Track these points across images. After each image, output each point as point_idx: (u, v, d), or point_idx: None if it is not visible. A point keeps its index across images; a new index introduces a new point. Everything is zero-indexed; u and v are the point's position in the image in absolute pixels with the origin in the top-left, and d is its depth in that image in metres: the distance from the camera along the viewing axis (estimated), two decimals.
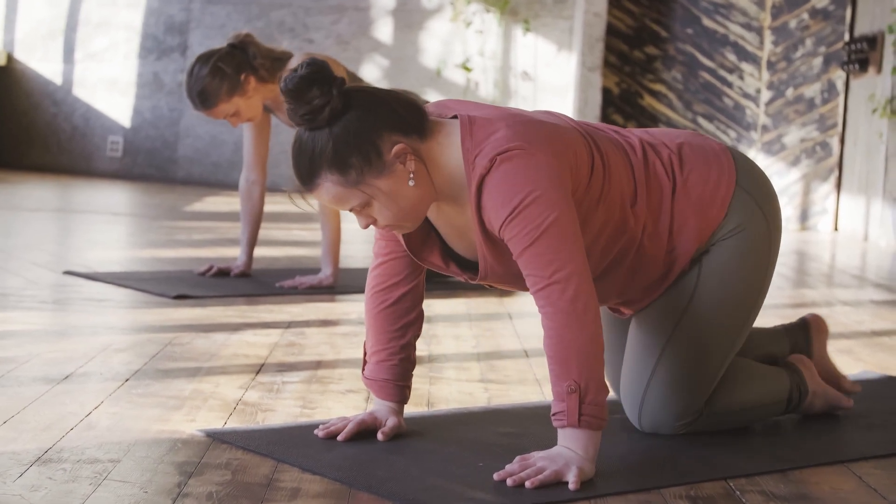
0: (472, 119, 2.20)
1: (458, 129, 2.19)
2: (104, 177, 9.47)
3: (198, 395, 2.65)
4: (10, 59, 9.54)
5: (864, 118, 8.12)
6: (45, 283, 4.13)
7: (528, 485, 2.05)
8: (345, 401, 2.68)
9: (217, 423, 2.41)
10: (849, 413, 2.70)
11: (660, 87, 8.83)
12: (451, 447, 2.30)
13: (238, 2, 9.34)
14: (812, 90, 8.70)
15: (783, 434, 2.54)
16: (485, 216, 2.15)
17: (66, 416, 2.39)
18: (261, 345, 3.25)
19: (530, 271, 2.12)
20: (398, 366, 2.39)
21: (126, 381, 2.74)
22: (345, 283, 4.39)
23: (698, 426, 2.46)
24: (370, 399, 2.69)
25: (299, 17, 9.28)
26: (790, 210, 8.65)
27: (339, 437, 2.30)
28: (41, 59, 9.54)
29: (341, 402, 2.66)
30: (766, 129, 8.77)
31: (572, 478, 2.06)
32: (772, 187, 2.50)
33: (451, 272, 2.34)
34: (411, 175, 2.16)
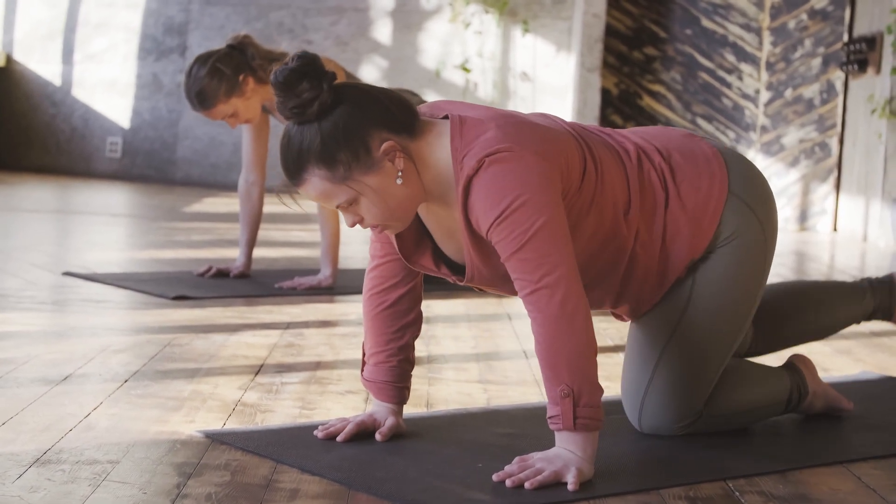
0: (462, 119, 2.19)
1: (448, 129, 2.18)
2: (103, 178, 9.47)
3: (197, 395, 2.65)
4: (9, 60, 9.54)
5: (863, 119, 8.13)
6: (44, 285, 4.13)
7: (527, 486, 2.05)
8: (344, 401, 2.68)
9: (216, 424, 2.41)
10: (848, 414, 2.70)
11: (659, 88, 8.83)
12: (449, 448, 2.30)
13: (237, 3, 9.34)
14: (811, 91, 8.70)
15: (782, 435, 2.54)
16: (472, 217, 2.14)
17: (64, 417, 2.39)
18: (260, 346, 3.25)
19: (518, 276, 2.11)
20: (397, 367, 2.39)
21: (125, 382, 2.74)
22: (344, 284, 4.39)
23: (698, 427, 2.46)
24: (369, 400, 2.68)
25: (298, 18, 9.28)
26: (789, 211, 8.66)
27: (339, 438, 2.30)
28: (40, 60, 9.54)
29: (340, 403, 2.66)
30: (765, 129, 8.77)
31: (571, 479, 2.06)
32: (766, 188, 2.48)
33: (441, 274, 2.33)
34: (399, 173, 2.15)
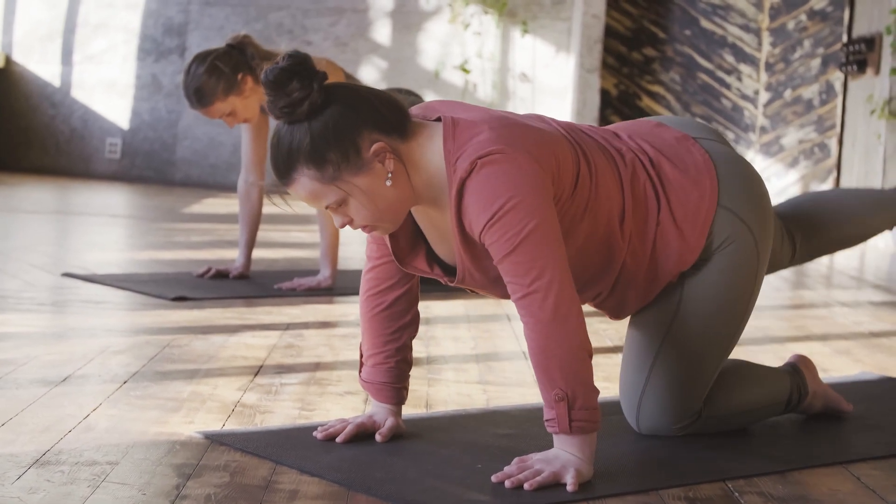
0: (455, 121, 2.18)
1: (440, 131, 2.17)
2: (102, 179, 9.46)
3: (196, 396, 2.65)
4: (9, 60, 9.54)
5: (862, 119, 8.13)
6: (44, 285, 4.13)
7: (526, 487, 2.05)
8: (343, 402, 2.68)
9: (215, 425, 2.41)
10: (848, 414, 2.70)
11: (658, 89, 8.83)
12: (449, 449, 2.30)
13: (236, 4, 9.34)
14: (810, 91, 8.70)
15: (782, 435, 2.54)
16: (465, 219, 2.14)
17: (64, 418, 2.39)
18: (259, 346, 3.25)
19: (510, 279, 2.11)
20: (395, 368, 2.39)
21: (124, 383, 2.74)
22: (343, 285, 4.39)
23: (697, 428, 2.46)
24: (368, 401, 2.69)
25: (297, 19, 9.28)
26: None
27: (338, 439, 2.30)
28: (39, 61, 9.54)
29: (340, 404, 2.66)
30: (764, 130, 8.78)
31: (570, 479, 2.06)
32: (760, 194, 2.44)
33: (434, 275, 2.33)
34: (389, 175, 2.15)
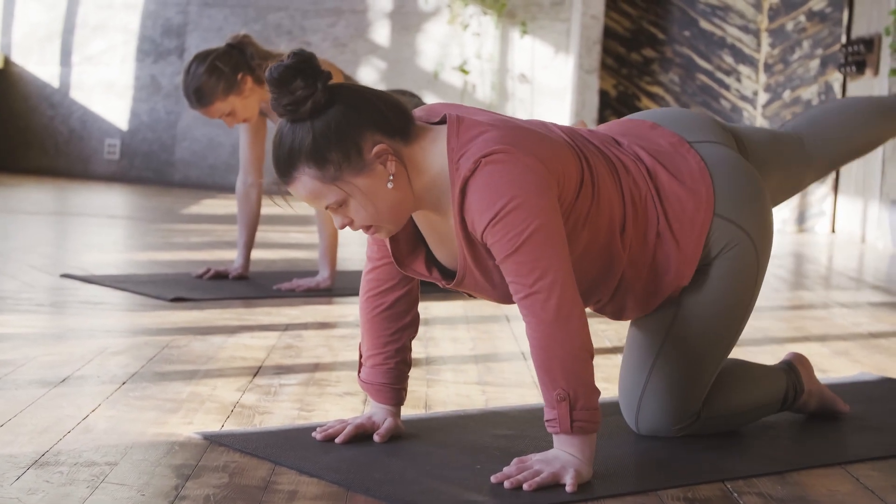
0: (459, 119, 2.18)
1: (443, 134, 2.17)
2: (101, 180, 9.46)
3: (195, 397, 2.64)
4: (7, 61, 9.54)
5: None
6: (42, 286, 4.13)
7: (525, 487, 2.05)
8: (342, 403, 2.68)
9: (214, 426, 2.41)
10: (846, 415, 2.70)
11: (657, 90, 8.83)
12: (448, 449, 2.30)
13: (235, 4, 9.34)
14: (809, 92, 8.70)
15: (781, 436, 2.54)
16: (468, 218, 2.13)
17: (62, 419, 2.39)
18: (258, 347, 3.25)
19: (513, 279, 2.11)
20: (394, 369, 2.39)
21: (123, 383, 2.73)
22: (342, 286, 4.39)
23: (696, 429, 2.46)
24: (367, 401, 2.68)
25: (296, 19, 9.28)
26: (787, 212, 8.66)
27: (337, 440, 2.30)
28: (38, 62, 9.54)
29: (339, 405, 2.66)
30: None
31: (569, 480, 2.06)
32: (758, 198, 2.43)
33: (432, 279, 2.33)
34: (391, 177, 2.15)
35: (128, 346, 3.19)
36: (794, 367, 2.63)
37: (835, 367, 3.38)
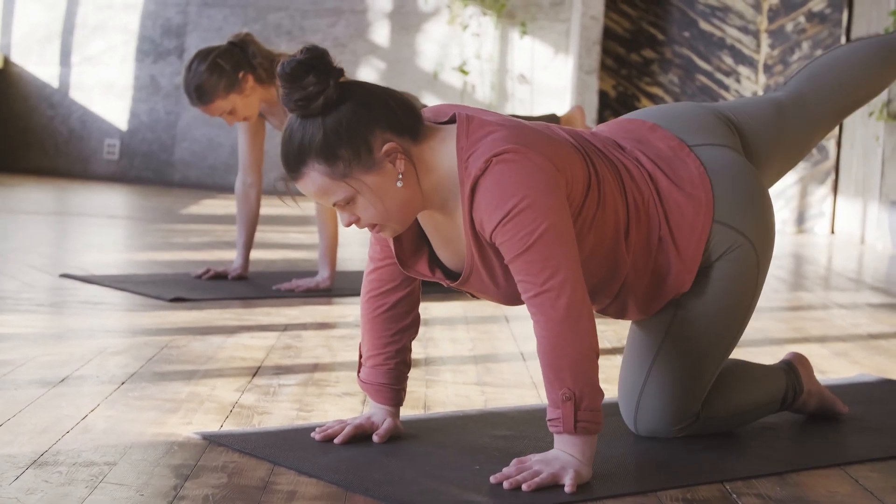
0: (469, 118, 2.18)
1: (453, 133, 2.17)
2: (101, 180, 9.46)
3: (194, 397, 2.64)
4: (7, 62, 9.54)
5: (860, 121, 8.13)
6: (42, 286, 4.13)
7: (524, 488, 2.05)
8: (341, 403, 2.68)
9: (213, 426, 2.41)
10: (845, 416, 2.70)
11: (657, 91, 8.83)
12: (447, 450, 2.30)
13: (235, 4, 9.34)
14: None
15: (780, 437, 2.54)
16: (476, 218, 2.14)
17: (62, 419, 2.39)
18: (257, 347, 3.25)
19: (522, 278, 2.11)
20: (394, 370, 2.39)
21: (122, 384, 2.73)
22: (342, 286, 4.39)
23: (695, 430, 2.46)
24: (366, 402, 2.68)
25: (296, 20, 9.28)
26: (787, 213, 8.66)
27: (336, 440, 2.30)
28: (38, 63, 9.54)
29: (338, 405, 2.66)
30: None
31: (569, 481, 2.06)
32: (759, 202, 2.42)
33: (435, 279, 2.33)
34: (400, 176, 2.15)
35: (127, 346, 3.19)
36: (794, 366, 2.63)
37: (834, 368, 3.38)
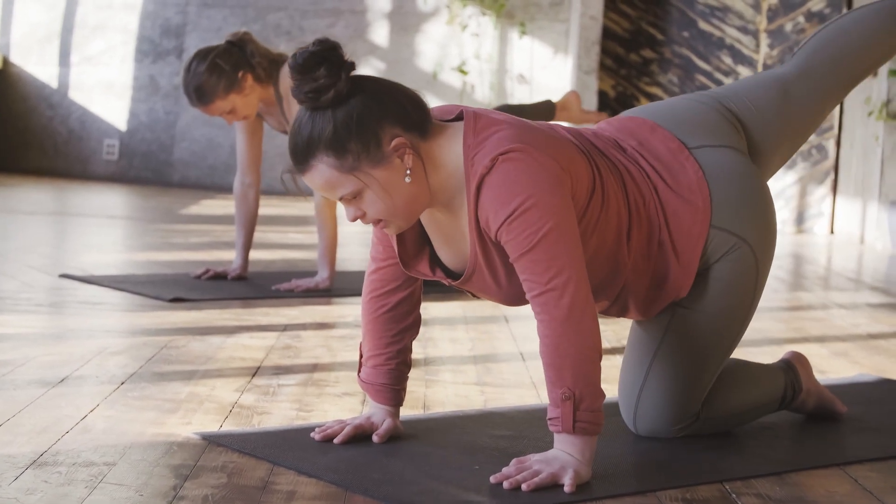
0: (477, 116, 2.18)
1: (460, 131, 2.17)
2: (100, 180, 9.46)
3: (194, 398, 2.64)
4: (6, 62, 9.54)
5: (860, 121, 8.13)
6: (41, 287, 4.13)
7: (524, 488, 2.05)
8: (341, 403, 2.68)
9: (213, 426, 2.41)
10: (845, 416, 2.70)
11: (656, 91, 8.83)
12: (447, 450, 2.30)
13: (234, 5, 9.34)
14: None
15: (779, 437, 2.54)
16: (482, 215, 2.14)
17: (61, 419, 2.39)
18: (257, 348, 3.25)
19: (527, 276, 2.11)
20: (395, 370, 2.39)
21: (122, 384, 2.73)
22: (341, 286, 4.39)
23: (695, 430, 2.46)
24: (366, 402, 2.68)
25: (295, 20, 9.28)
26: (786, 213, 8.66)
27: (336, 440, 2.30)
28: (37, 63, 9.54)
29: (337, 405, 2.66)
30: None
31: (568, 481, 2.06)
32: (758, 206, 2.41)
33: (437, 277, 2.33)
34: (408, 171, 2.15)
35: (126, 346, 3.19)
36: (793, 365, 2.63)
37: (833, 368, 3.38)
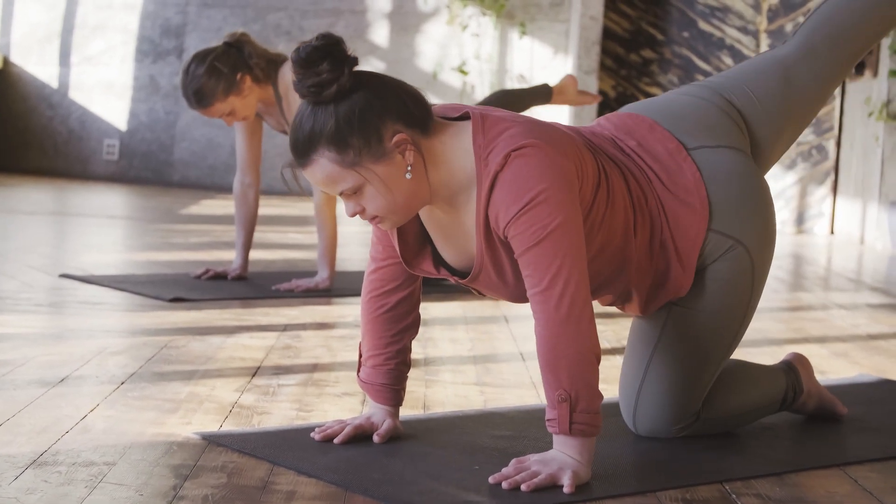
0: (484, 116, 2.18)
1: (467, 130, 2.17)
2: (100, 180, 9.46)
3: (194, 397, 2.64)
4: (7, 62, 9.54)
5: (860, 121, 8.13)
6: (41, 287, 4.13)
7: (523, 488, 2.05)
8: (341, 403, 2.68)
9: (213, 426, 2.41)
10: (845, 417, 2.70)
11: (656, 91, 8.83)
12: (446, 450, 2.30)
13: (234, 5, 9.34)
14: None
15: (779, 437, 2.54)
16: (492, 213, 2.13)
17: (61, 419, 2.39)
18: (257, 348, 3.25)
19: (530, 272, 2.11)
20: (394, 370, 2.39)
21: (122, 384, 2.73)
22: (341, 286, 4.39)
23: (695, 430, 2.46)
24: (366, 402, 2.68)
25: (295, 20, 9.28)
26: (786, 213, 8.66)
27: (336, 440, 2.30)
28: (37, 63, 9.54)
29: (337, 405, 2.66)
30: None
31: (567, 481, 2.06)
32: (758, 209, 2.41)
33: (442, 275, 2.33)
34: (409, 167, 2.15)
35: (126, 346, 3.19)
36: (794, 367, 2.63)
37: (833, 368, 3.38)
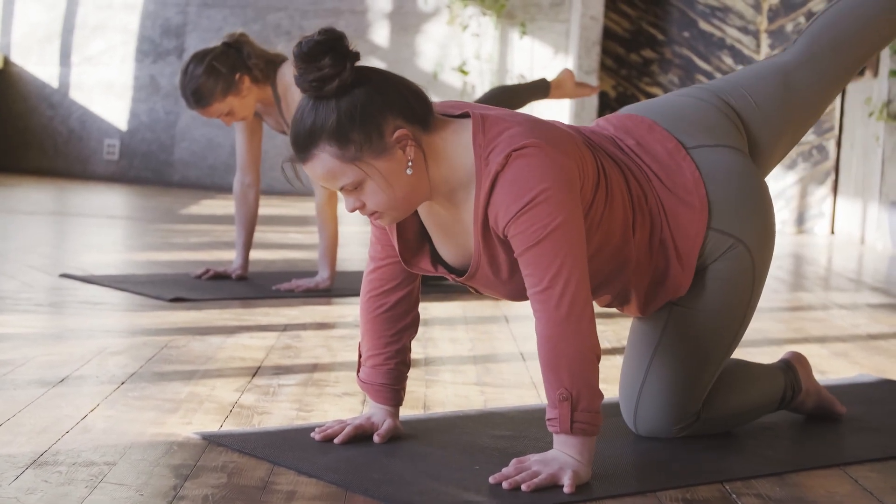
0: (484, 116, 2.18)
1: (467, 128, 2.17)
2: (100, 180, 9.46)
3: (194, 397, 2.64)
4: (7, 62, 9.54)
5: (860, 121, 8.13)
6: (41, 287, 4.13)
7: (523, 488, 2.05)
8: (341, 403, 2.68)
9: (213, 426, 2.41)
10: (845, 417, 2.70)
11: (657, 91, 8.83)
12: (446, 450, 2.30)
13: (234, 5, 9.34)
14: None
15: (779, 437, 2.54)
16: (491, 213, 2.13)
17: (61, 419, 2.39)
18: (257, 348, 3.25)
19: (530, 271, 2.11)
20: (394, 370, 2.39)
21: (122, 384, 2.73)
22: (341, 286, 4.39)
23: (695, 430, 2.46)
24: (366, 402, 2.68)
25: (295, 20, 9.28)
26: (787, 213, 8.66)
27: (336, 440, 2.30)
28: (37, 63, 9.54)
29: (337, 405, 2.66)
30: None
31: (567, 481, 2.06)
32: (757, 208, 2.41)
33: (439, 273, 2.33)
34: (410, 163, 2.15)
35: (127, 346, 3.19)
36: (793, 365, 2.63)
37: (833, 368, 3.38)
